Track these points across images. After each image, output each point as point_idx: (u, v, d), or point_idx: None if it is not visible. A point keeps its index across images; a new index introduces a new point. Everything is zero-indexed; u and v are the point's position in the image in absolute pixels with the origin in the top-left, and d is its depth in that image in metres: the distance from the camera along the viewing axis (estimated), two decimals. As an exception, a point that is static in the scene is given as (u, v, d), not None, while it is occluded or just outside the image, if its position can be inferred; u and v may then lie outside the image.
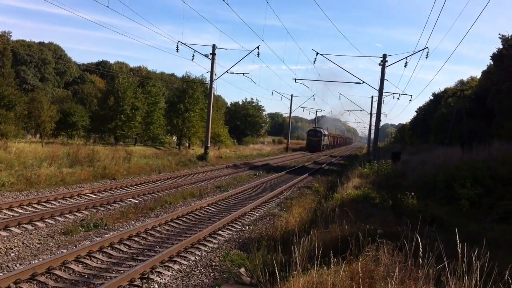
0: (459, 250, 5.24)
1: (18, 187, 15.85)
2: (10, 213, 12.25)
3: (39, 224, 11.48)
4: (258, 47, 33.34)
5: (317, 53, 31.13)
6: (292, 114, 74.84)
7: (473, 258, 5.15)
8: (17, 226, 10.93)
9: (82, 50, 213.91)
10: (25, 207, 13.07)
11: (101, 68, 71.62)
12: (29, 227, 11.12)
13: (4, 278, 7.17)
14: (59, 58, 77.68)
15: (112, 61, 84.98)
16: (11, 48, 51.73)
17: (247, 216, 15.04)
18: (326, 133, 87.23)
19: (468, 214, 14.48)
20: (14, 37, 63.40)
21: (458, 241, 5.32)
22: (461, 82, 59.34)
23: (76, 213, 13.05)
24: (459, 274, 5.10)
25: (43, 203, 13.80)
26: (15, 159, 20.18)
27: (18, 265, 8.43)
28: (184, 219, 13.67)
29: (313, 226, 10.89)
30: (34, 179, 16.84)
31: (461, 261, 5.17)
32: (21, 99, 40.60)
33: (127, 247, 10.26)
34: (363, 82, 36.37)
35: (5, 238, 10.00)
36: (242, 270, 9.05)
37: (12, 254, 9.07)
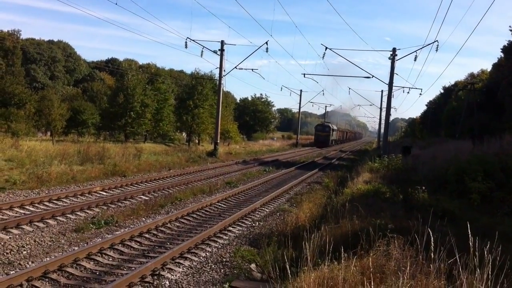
0: (470, 244, 5.21)
1: (30, 185, 15.95)
2: (21, 211, 12.36)
3: (51, 222, 11.57)
4: (266, 43, 33.40)
5: (326, 48, 30.88)
6: (302, 109, 74.76)
7: (485, 252, 5.11)
8: (29, 224, 11.03)
9: (91, 48, 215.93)
10: (36, 205, 13.17)
11: (111, 66, 71.91)
12: (41, 225, 11.20)
13: (17, 276, 7.25)
14: (68, 56, 78.04)
15: (121, 59, 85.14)
16: (21, 46, 52.10)
17: (257, 212, 15.04)
18: (335, 127, 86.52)
19: (480, 208, 14.34)
20: (24, 35, 63.64)
21: (469, 235, 5.28)
22: (472, 75, 58.90)
23: (87, 211, 13.13)
24: (471, 268, 5.07)
25: (54, 201, 13.90)
26: (26, 157, 20.33)
27: (30, 263, 8.51)
28: (194, 215, 13.70)
29: (324, 222, 10.88)
30: (45, 177, 16.94)
31: (473, 255, 5.13)
32: (31, 97, 41.09)
33: (138, 244, 10.31)
34: (373, 76, 35.98)
35: (17, 236, 10.09)
36: (253, 266, 9.07)
37: (24, 252, 9.15)
